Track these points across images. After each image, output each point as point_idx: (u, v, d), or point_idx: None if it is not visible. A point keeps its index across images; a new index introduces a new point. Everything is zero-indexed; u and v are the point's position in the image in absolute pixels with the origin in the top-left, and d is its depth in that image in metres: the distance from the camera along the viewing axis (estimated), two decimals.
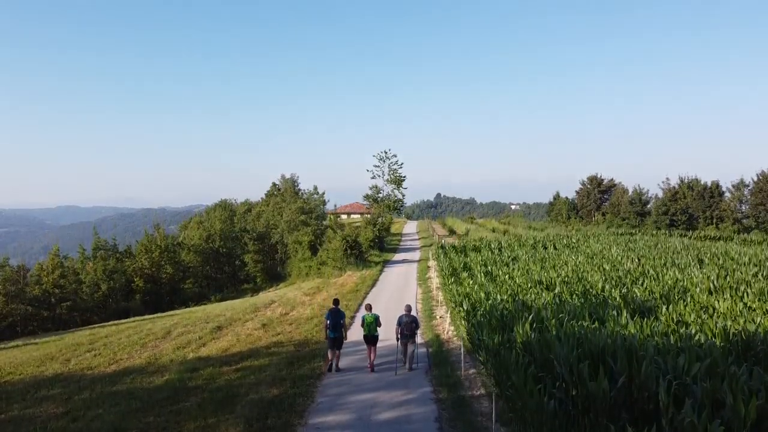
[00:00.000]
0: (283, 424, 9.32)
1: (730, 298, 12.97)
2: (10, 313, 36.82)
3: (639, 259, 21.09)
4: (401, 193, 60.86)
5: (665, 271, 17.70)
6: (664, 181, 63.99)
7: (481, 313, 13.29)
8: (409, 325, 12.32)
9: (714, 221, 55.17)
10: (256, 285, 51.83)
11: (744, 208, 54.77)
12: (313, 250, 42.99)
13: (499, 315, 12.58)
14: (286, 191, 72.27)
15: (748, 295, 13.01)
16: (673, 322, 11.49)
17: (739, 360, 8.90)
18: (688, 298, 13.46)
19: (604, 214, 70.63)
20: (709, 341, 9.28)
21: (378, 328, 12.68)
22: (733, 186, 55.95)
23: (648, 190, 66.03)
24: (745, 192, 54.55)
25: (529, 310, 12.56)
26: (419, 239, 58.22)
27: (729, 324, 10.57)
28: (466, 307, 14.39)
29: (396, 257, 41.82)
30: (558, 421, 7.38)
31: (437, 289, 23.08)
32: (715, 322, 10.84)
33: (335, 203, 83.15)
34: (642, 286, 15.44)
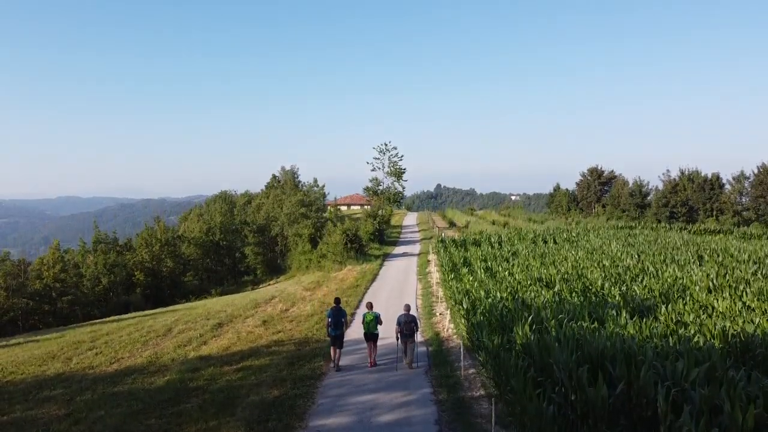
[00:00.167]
0: (283, 427, 9.38)
1: (729, 297, 13.00)
2: (11, 307, 36.97)
3: (638, 255, 21.12)
4: (401, 185, 60.92)
5: (665, 267, 17.73)
6: (664, 173, 63.99)
7: (481, 312, 13.35)
8: (408, 325, 12.49)
9: (714, 213, 55.16)
10: (256, 277, 51.96)
11: (744, 201, 54.79)
12: (314, 243, 42.98)
13: (498, 314, 12.63)
14: (286, 183, 72.27)
15: (747, 294, 13.04)
16: (672, 322, 11.54)
17: (738, 363, 8.96)
18: (687, 297, 13.50)
19: (604, 206, 70.62)
20: (708, 343, 9.33)
21: (378, 326, 12.83)
22: (734, 178, 55.94)
23: (648, 182, 66.06)
24: (746, 184, 54.54)
25: (529, 310, 12.58)
26: (419, 231, 58.20)
27: (728, 325, 10.62)
28: (465, 305, 14.44)
29: (396, 250, 41.83)
30: (557, 426, 7.42)
31: (437, 284, 23.12)
32: (714, 323, 10.88)
33: (335, 195, 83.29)
34: (641, 284, 15.48)
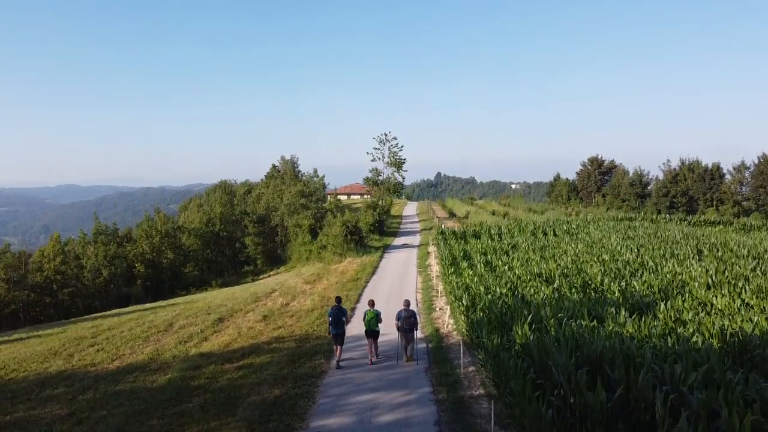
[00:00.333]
0: (284, 428, 9.44)
1: (728, 294, 13.03)
2: (12, 299, 37.13)
3: (638, 249, 21.14)
4: (401, 175, 60.80)
5: (664, 262, 17.74)
6: (664, 163, 63.99)
7: (481, 308, 13.41)
8: (407, 320, 12.73)
9: (714, 203, 55.16)
10: (256, 267, 52.10)
11: (744, 191, 54.75)
12: (314, 234, 43.01)
13: (498, 311, 12.68)
14: (286, 173, 72.24)
15: (745, 291, 13.07)
16: (671, 320, 11.57)
17: (735, 365, 9.00)
18: (686, 294, 13.52)
19: (604, 196, 70.61)
20: (706, 343, 9.36)
21: (379, 324, 12.95)
22: (734, 168, 55.87)
23: (649, 172, 66.15)
24: (746, 174, 54.47)
25: (528, 307, 12.64)
26: (419, 222, 58.19)
27: (726, 323, 10.65)
28: (465, 302, 14.49)
29: (396, 241, 41.85)
30: (556, 429, 7.48)
31: (437, 277, 23.17)
32: (713, 321, 10.91)
33: (335, 185, 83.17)
34: (641, 280, 15.51)
